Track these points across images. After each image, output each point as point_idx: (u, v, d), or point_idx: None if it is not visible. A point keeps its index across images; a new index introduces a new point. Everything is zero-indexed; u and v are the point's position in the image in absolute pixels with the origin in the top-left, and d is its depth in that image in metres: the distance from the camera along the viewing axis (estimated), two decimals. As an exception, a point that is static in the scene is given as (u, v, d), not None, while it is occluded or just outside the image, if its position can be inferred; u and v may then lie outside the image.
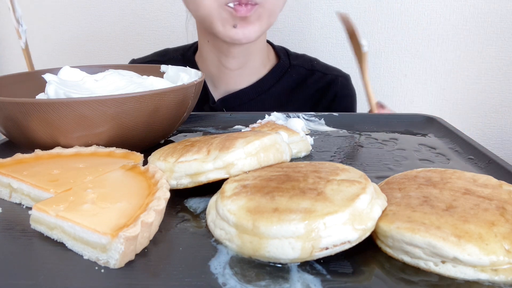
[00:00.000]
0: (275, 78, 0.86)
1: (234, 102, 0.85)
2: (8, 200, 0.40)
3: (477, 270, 0.28)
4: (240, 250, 0.31)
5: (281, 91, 0.87)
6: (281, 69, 0.87)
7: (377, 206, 0.31)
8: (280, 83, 0.86)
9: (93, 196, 0.34)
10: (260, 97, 0.86)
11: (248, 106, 0.86)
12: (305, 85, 0.87)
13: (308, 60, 0.92)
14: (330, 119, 0.65)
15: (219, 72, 0.86)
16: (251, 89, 0.86)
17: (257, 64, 0.86)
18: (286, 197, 0.31)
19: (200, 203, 0.39)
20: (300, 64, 0.90)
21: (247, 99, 0.85)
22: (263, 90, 0.86)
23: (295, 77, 0.88)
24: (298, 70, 0.89)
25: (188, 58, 0.90)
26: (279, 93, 0.87)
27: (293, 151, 0.49)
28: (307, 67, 0.90)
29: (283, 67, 0.87)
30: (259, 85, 0.86)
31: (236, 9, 0.69)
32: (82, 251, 0.31)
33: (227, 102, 0.85)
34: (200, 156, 0.39)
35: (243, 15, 0.70)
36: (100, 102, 0.44)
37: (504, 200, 0.32)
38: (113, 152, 0.45)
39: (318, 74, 0.89)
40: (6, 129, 0.49)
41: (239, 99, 0.85)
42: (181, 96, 0.50)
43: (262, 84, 0.86)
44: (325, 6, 1.15)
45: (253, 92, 0.85)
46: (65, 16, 1.26)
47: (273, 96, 0.86)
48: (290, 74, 0.87)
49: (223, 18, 0.72)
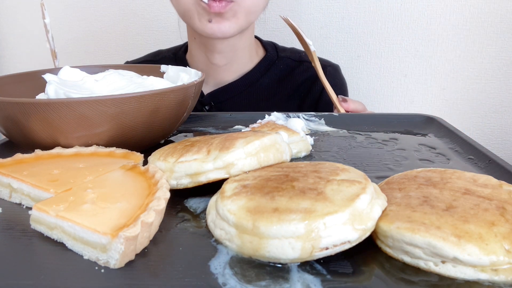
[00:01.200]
0: (262, 70, 0.88)
1: (223, 96, 0.87)
2: (8, 200, 0.40)
3: (477, 270, 0.28)
4: (240, 250, 0.31)
5: (269, 82, 0.88)
6: (268, 61, 0.88)
7: (377, 206, 0.31)
8: (267, 75, 0.88)
9: (93, 196, 0.34)
10: (248, 90, 0.87)
11: (237, 99, 0.87)
12: (293, 76, 0.88)
13: (296, 51, 0.93)
14: (330, 119, 0.65)
15: (207, 68, 0.88)
16: (239, 82, 0.87)
17: (245, 60, 0.87)
18: (286, 197, 0.31)
19: (200, 203, 0.39)
20: (288, 55, 0.91)
21: (235, 93, 0.87)
22: (250, 82, 0.87)
23: (283, 68, 0.89)
24: (285, 61, 0.90)
25: (179, 57, 0.92)
26: (267, 85, 0.88)
27: (293, 151, 0.49)
28: (294, 58, 0.91)
29: (271, 59, 0.89)
30: (247, 78, 0.87)
31: (210, 4, 0.71)
32: (82, 251, 0.31)
33: (215, 96, 0.87)
34: (200, 156, 0.39)
35: (217, 11, 0.72)
36: (100, 102, 0.44)
37: (504, 200, 0.32)
38: (113, 152, 0.45)
39: (306, 64, 0.90)
40: (6, 129, 0.49)
41: (227, 93, 0.87)
42: (181, 96, 0.50)
43: (250, 76, 0.87)
44: (325, 6, 1.15)
45: (241, 85, 0.87)
46: (65, 16, 1.26)
47: (261, 88, 0.88)
48: (278, 66, 0.88)
49: (199, 13, 0.74)
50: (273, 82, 0.88)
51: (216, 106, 0.87)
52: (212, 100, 0.86)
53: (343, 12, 1.15)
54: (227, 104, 0.87)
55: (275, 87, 0.88)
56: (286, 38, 1.16)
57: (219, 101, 0.87)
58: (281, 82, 0.88)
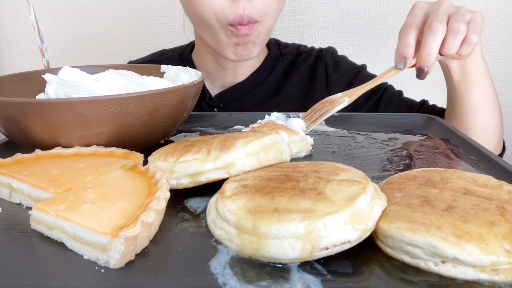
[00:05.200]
0: (268, 68, 0.89)
1: (231, 97, 0.87)
2: (8, 200, 0.40)
3: (477, 270, 0.28)
4: (240, 250, 0.31)
5: (275, 79, 0.89)
6: (272, 59, 0.89)
7: (377, 206, 0.31)
8: (273, 72, 0.89)
9: (93, 196, 0.34)
10: (256, 89, 0.88)
11: (245, 99, 0.87)
12: (296, 68, 0.90)
13: (296, 46, 0.95)
14: (330, 119, 0.65)
15: (216, 71, 0.88)
16: (246, 82, 0.87)
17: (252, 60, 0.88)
18: (286, 197, 0.31)
19: (200, 203, 0.40)
20: (289, 51, 0.92)
21: (243, 93, 0.87)
22: (258, 82, 0.88)
23: (286, 63, 0.90)
24: (288, 56, 0.91)
25: (185, 57, 0.92)
26: (273, 82, 0.89)
27: (293, 151, 0.49)
28: (295, 53, 0.92)
29: (275, 56, 0.90)
30: (254, 78, 0.88)
31: (238, 28, 0.71)
32: (82, 251, 0.31)
33: (224, 97, 0.87)
34: (200, 156, 0.39)
35: (244, 33, 0.71)
36: (100, 102, 0.44)
37: (504, 200, 0.32)
38: (113, 152, 0.45)
39: (304, 54, 0.92)
40: (6, 129, 0.49)
41: (235, 93, 0.87)
42: (181, 96, 0.50)
43: (257, 76, 0.88)
44: (325, 7, 1.15)
45: (249, 85, 0.87)
46: (65, 17, 1.26)
47: (269, 86, 0.89)
48: (282, 62, 0.90)
49: (227, 34, 0.73)
50: (278, 78, 0.89)
51: (225, 107, 0.87)
52: (221, 102, 0.86)
53: (343, 12, 1.15)
54: (235, 105, 0.87)
55: (281, 82, 0.89)
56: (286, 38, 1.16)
57: (227, 102, 0.87)
58: (287, 77, 0.89)
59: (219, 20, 0.71)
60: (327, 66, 0.89)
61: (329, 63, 0.90)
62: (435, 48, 0.58)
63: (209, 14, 0.71)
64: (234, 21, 0.70)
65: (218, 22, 0.71)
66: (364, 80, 0.88)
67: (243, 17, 0.69)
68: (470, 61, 0.67)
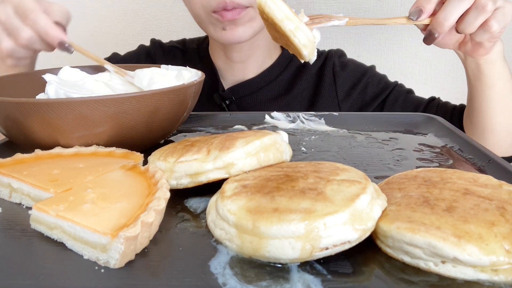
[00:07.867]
0: (281, 67, 0.91)
1: (243, 91, 0.89)
2: (8, 200, 0.40)
3: (477, 270, 0.28)
4: (240, 250, 0.31)
5: (287, 78, 0.91)
6: (285, 59, 0.91)
7: (377, 206, 0.31)
8: (285, 71, 0.91)
9: (93, 196, 0.34)
10: (268, 86, 0.90)
11: (257, 95, 0.89)
12: (307, 68, 0.91)
13: None
14: (330, 119, 0.65)
15: (225, 65, 0.90)
16: (259, 78, 0.89)
17: (262, 57, 0.90)
18: (286, 197, 0.31)
19: (200, 203, 0.39)
20: None
21: (255, 88, 0.89)
22: (270, 79, 0.90)
23: (298, 64, 0.92)
24: None
25: (203, 49, 0.94)
26: (285, 81, 0.91)
27: None
28: None
29: (287, 57, 0.91)
30: (267, 75, 0.90)
31: (222, 14, 0.72)
32: (82, 251, 0.31)
33: (236, 91, 0.89)
34: (200, 156, 0.39)
35: (230, 18, 0.73)
36: (100, 102, 0.44)
37: (504, 200, 0.32)
38: (113, 152, 0.45)
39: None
40: (6, 129, 0.49)
41: (248, 88, 0.89)
42: (181, 96, 0.50)
43: (270, 73, 0.90)
44: (325, 6, 1.15)
45: (261, 82, 0.89)
46: (65, 16, 1.25)
47: (280, 84, 0.91)
48: (294, 63, 0.91)
49: (212, 23, 0.76)
50: (290, 78, 0.91)
51: (237, 101, 0.89)
52: (233, 95, 0.88)
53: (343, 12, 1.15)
54: (247, 100, 0.89)
55: (292, 82, 0.91)
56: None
57: (240, 96, 0.89)
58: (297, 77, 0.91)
59: (205, 8, 0.74)
60: (335, 65, 0.91)
61: (336, 63, 0.91)
62: (454, 15, 0.54)
63: (195, 4, 0.75)
64: (217, 7, 0.72)
65: (204, 11, 0.74)
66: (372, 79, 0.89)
67: (227, 2, 0.71)
68: (485, 63, 0.65)
